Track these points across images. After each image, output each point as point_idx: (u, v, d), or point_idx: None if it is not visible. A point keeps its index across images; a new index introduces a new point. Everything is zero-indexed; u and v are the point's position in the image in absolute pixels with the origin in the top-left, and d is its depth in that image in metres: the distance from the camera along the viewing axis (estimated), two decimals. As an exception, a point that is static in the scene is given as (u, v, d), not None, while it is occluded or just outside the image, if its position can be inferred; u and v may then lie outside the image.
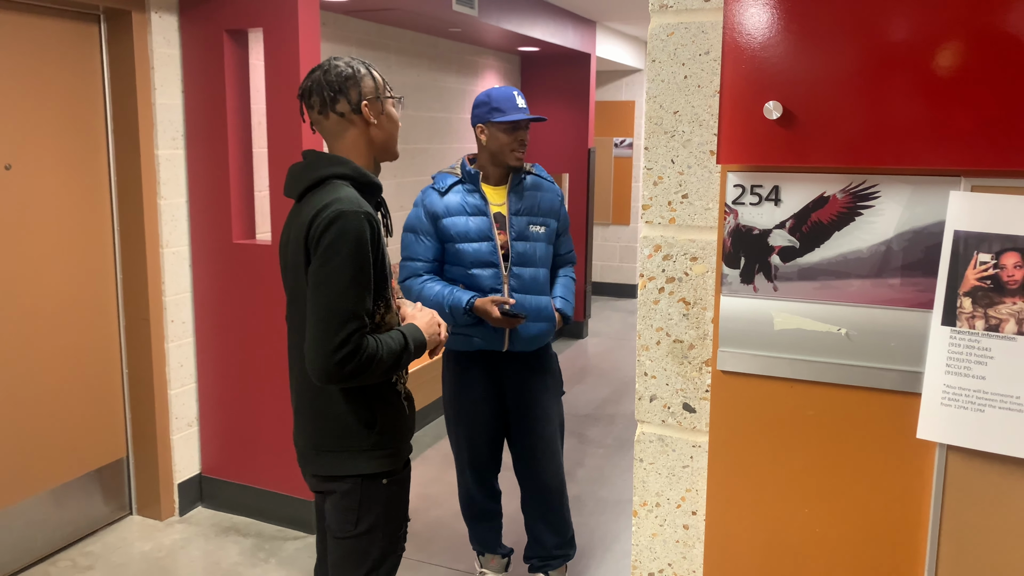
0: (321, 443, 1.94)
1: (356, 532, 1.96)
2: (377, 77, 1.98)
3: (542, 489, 2.90)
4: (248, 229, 3.51)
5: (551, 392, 2.90)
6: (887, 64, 0.84)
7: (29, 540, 3.17)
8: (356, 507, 1.95)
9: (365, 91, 1.94)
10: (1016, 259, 0.83)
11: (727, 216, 0.95)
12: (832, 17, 0.86)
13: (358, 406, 1.91)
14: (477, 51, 6.10)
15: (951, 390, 0.87)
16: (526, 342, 2.76)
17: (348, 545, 1.98)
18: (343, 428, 1.92)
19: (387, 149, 2.01)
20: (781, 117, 0.88)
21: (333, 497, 1.97)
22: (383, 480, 1.96)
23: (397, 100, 2.03)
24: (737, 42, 0.89)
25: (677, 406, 1.03)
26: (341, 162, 1.91)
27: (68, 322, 3.23)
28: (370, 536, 1.97)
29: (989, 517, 0.87)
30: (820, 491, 0.94)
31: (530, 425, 2.86)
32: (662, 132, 1.00)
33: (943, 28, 0.82)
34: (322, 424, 1.93)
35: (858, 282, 0.91)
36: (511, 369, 2.82)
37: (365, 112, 1.93)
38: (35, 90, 3.02)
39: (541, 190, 2.83)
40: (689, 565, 1.05)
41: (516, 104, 2.71)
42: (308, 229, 1.81)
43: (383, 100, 1.97)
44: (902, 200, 0.88)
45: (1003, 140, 0.82)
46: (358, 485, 1.94)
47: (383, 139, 1.98)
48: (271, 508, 3.57)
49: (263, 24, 3.21)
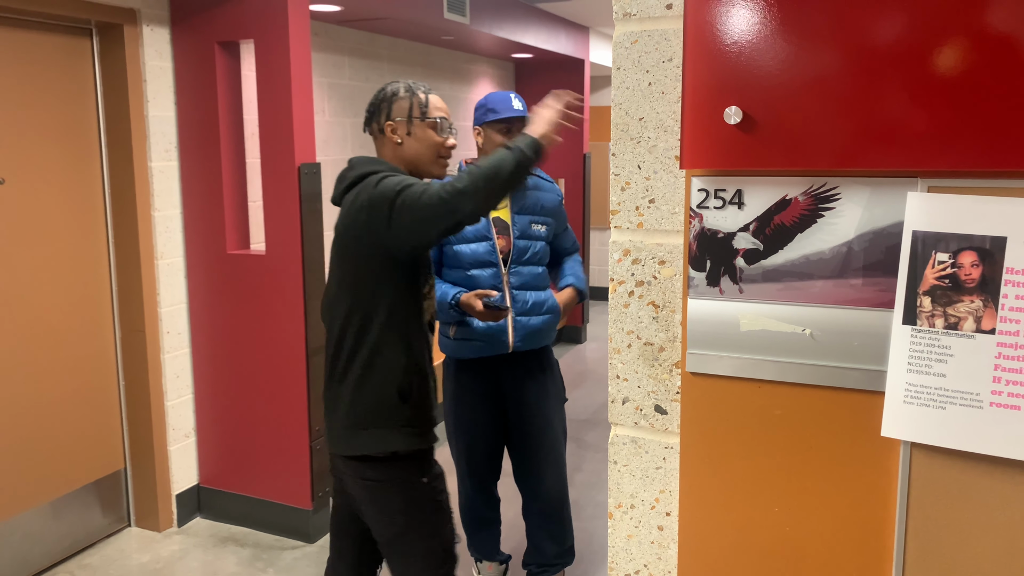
0: (357, 420, 2.02)
1: (401, 533, 2.04)
2: (416, 101, 2.10)
3: (543, 498, 2.89)
4: (242, 240, 3.53)
5: (553, 399, 2.88)
6: (843, 69, 0.86)
7: (27, 553, 3.18)
8: (397, 505, 2.03)
9: (395, 112, 2.09)
10: (973, 258, 0.84)
11: (692, 220, 0.96)
12: (790, 23, 0.87)
13: (394, 382, 2.01)
14: (471, 58, 6.12)
15: (913, 388, 0.88)
16: (531, 336, 2.73)
17: (403, 547, 2.06)
18: (380, 403, 2.01)
19: (418, 167, 2.14)
20: (741, 122, 0.90)
21: (374, 502, 2.05)
22: (423, 479, 2.05)
23: (434, 122, 2.12)
24: (697, 48, 0.91)
25: (649, 408, 1.04)
26: (379, 162, 2.08)
27: (64, 335, 3.24)
28: (415, 534, 2.05)
29: (953, 512, 0.88)
30: (789, 490, 0.95)
31: (531, 433, 2.84)
32: (628, 138, 1.01)
33: (897, 34, 0.83)
34: (360, 400, 2.02)
35: (821, 283, 0.92)
36: (512, 376, 2.81)
37: (388, 132, 2.10)
38: (28, 104, 3.04)
39: (541, 190, 2.84)
40: (664, 566, 1.06)
41: (511, 105, 2.71)
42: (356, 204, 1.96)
43: (413, 122, 2.09)
44: (862, 201, 0.89)
45: (958, 142, 0.83)
46: (398, 484, 2.03)
47: (411, 157, 2.11)
48: (269, 518, 3.58)
49: (254, 35, 3.24)
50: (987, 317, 0.84)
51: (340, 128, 4.69)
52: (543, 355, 2.87)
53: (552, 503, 2.90)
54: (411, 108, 2.08)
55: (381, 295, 1.99)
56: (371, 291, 1.99)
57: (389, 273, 1.99)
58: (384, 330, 2.00)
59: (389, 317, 2.00)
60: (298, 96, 3.23)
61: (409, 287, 2.04)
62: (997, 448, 0.85)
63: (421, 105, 2.09)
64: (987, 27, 0.80)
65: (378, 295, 1.99)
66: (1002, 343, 0.84)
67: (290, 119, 3.22)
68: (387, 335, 2.00)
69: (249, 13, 3.23)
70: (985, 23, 0.80)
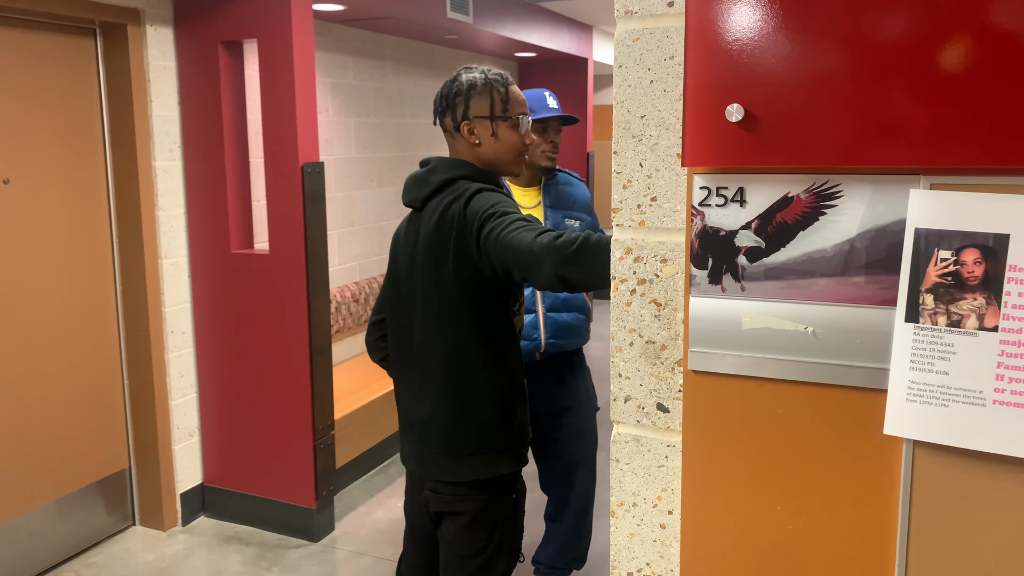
0: (461, 447, 1.89)
1: (488, 550, 1.95)
2: (497, 97, 1.89)
3: (570, 507, 2.86)
4: (246, 239, 3.54)
5: (586, 410, 2.84)
6: (846, 66, 0.85)
7: (33, 552, 3.19)
8: (490, 523, 1.93)
9: (473, 110, 1.88)
10: (976, 255, 0.84)
11: (694, 218, 0.96)
12: (792, 20, 0.87)
13: (499, 404, 1.89)
14: (474, 57, 6.12)
15: (916, 386, 0.88)
16: (562, 333, 2.67)
17: (476, 563, 1.96)
18: (485, 428, 1.89)
19: (498, 168, 1.94)
20: (743, 119, 0.89)
21: (462, 518, 1.93)
22: (512, 495, 1.95)
23: (516, 120, 1.92)
24: (698, 46, 0.91)
25: (651, 406, 1.04)
26: (464, 164, 1.89)
27: (69, 334, 3.25)
28: (498, 550, 1.97)
29: (956, 510, 0.88)
30: (791, 488, 0.95)
31: (563, 442, 2.80)
32: (630, 136, 1.01)
33: (900, 30, 0.83)
34: (462, 426, 1.89)
35: (823, 281, 0.92)
36: (543, 386, 2.76)
37: (464, 132, 1.89)
38: (33, 104, 3.05)
39: (572, 186, 2.81)
40: (667, 564, 1.06)
41: (546, 104, 2.67)
42: (447, 218, 1.79)
43: (495, 122, 1.89)
44: (864, 199, 0.89)
45: (961, 139, 0.83)
46: (490, 503, 1.92)
47: (491, 159, 1.92)
48: (273, 517, 3.58)
49: (258, 35, 3.24)
50: (990, 315, 0.84)
51: (344, 127, 4.69)
52: (575, 360, 2.82)
53: (577, 512, 2.89)
54: (492, 106, 1.88)
55: (478, 313, 1.85)
56: (467, 307, 1.84)
57: (485, 289, 1.84)
58: (484, 350, 1.86)
59: (488, 336, 1.86)
60: (301, 95, 3.23)
61: (502, 304, 1.89)
62: (1000, 446, 0.84)
63: (503, 102, 1.90)
64: (991, 23, 0.80)
65: (475, 313, 1.85)
66: (1005, 340, 0.83)
67: (293, 118, 3.22)
68: (487, 355, 1.86)
69: (252, 13, 3.23)
70: (989, 19, 0.80)
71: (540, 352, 2.70)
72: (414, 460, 1.99)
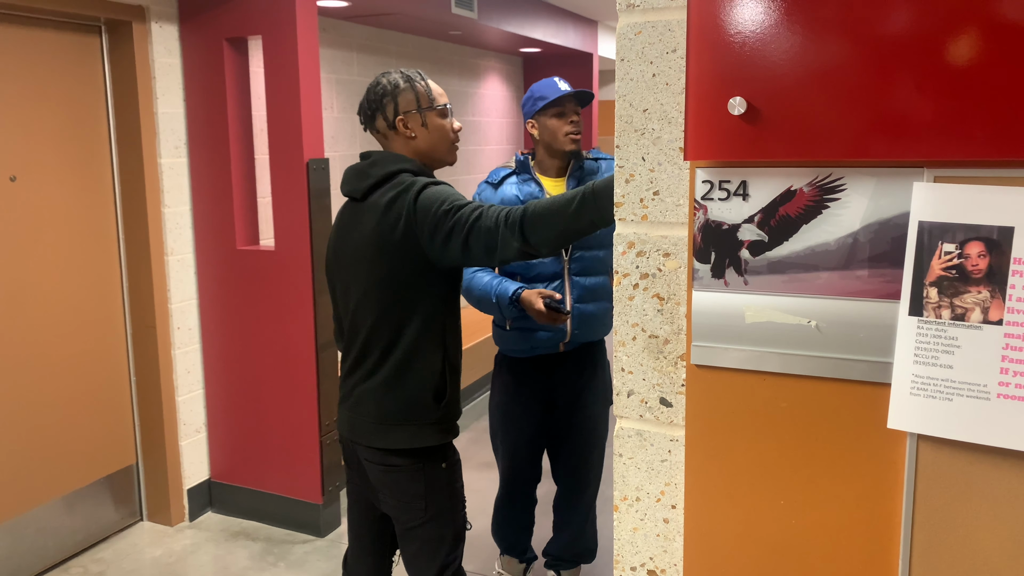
0: (389, 417, 2.02)
1: (428, 518, 2.05)
2: (421, 89, 2.03)
3: (579, 498, 2.87)
4: (251, 235, 3.54)
5: (601, 403, 2.84)
6: (849, 58, 0.85)
7: (41, 547, 3.21)
8: (423, 492, 2.04)
9: (402, 106, 2.02)
10: (980, 248, 0.84)
11: (697, 212, 0.96)
12: (794, 13, 0.86)
13: (430, 382, 2.01)
14: (479, 53, 6.11)
15: (920, 379, 0.87)
16: (586, 323, 2.67)
17: (423, 533, 2.07)
18: (413, 402, 2.01)
19: (433, 158, 2.08)
20: (746, 112, 0.89)
21: (395, 489, 2.05)
22: (442, 464, 2.06)
23: (443, 109, 2.06)
24: (701, 39, 0.90)
25: (654, 401, 1.04)
26: (402, 158, 2.02)
27: (75, 331, 3.27)
28: (439, 519, 2.06)
29: (960, 504, 0.88)
30: (795, 482, 0.95)
31: (575, 434, 2.80)
32: (632, 130, 1.01)
33: (904, 23, 0.83)
34: (392, 399, 2.01)
35: (826, 274, 0.91)
36: (564, 373, 2.76)
37: (399, 127, 2.03)
38: (38, 102, 3.06)
39: (601, 172, 2.71)
40: (670, 558, 1.06)
41: (558, 87, 2.63)
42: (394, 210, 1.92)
43: (424, 112, 2.02)
44: (867, 192, 0.89)
45: (964, 132, 0.82)
46: (420, 471, 2.03)
47: (426, 149, 2.06)
48: (280, 512, 3.60)
49: (262, 32, 3.25)
50: (994, 308, 0.83)
51: (349, 124, 4.69)
52: (596, 352, 2.81)
53: (586, 504, 2.89)
54: (418, 99, 2.02)
55: (419, 300, 1.97)
56: (408, 294, 1.97)
57: (428, 278, 1.97)
58: (421, 334, 1.98)
59: (426, 321, 1.98)
60: (306, 92, 3.23)
61: (447, 291, 2.02)
62: (1004, 440, 0.84)
63: (427, 94, 2.04)
64: (995, 15, 0.79)
65: (415, 299, 1.97)
66: (1009, 334, 0.83)
67: (298, 115, 3.22)
68: (424, 339, 1.99)
69: (257, 9, 3.23)
70: (993, 11, 0.79)
71: (564, 343, 2.70)
72: (347, 425, 2.10)
